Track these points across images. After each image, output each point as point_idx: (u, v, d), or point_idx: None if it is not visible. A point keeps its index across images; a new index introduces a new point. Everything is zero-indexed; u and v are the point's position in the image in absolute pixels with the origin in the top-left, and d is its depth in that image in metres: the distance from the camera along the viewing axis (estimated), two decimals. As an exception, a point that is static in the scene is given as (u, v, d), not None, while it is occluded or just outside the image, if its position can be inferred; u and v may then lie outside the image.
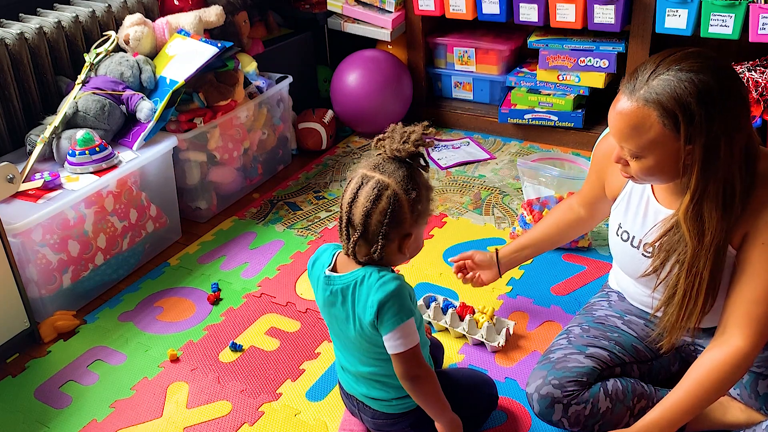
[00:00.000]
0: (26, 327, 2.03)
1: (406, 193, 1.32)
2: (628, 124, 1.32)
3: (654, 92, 1.29)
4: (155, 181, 2.38)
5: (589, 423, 1.50)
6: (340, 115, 3.08)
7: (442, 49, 3.11)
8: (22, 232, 1.97)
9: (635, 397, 1.52)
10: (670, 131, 1.29)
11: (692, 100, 1.26)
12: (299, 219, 2.59)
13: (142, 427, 1.77)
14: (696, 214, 1.35)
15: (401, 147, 1.33)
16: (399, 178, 1.32)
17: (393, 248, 1.37)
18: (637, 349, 1.61)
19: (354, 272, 1.38)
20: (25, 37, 2.30)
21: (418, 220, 1.36)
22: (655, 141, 1.31)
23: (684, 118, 1.27)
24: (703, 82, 1.26)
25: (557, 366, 1.54)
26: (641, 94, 1.30)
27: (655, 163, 1.34)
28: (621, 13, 2.56)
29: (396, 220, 1.33)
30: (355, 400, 1.56)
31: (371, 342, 1.40)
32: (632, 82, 1.33)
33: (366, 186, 1.33)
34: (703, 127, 1.27)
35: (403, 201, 1.32)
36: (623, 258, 1.59)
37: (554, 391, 1.50)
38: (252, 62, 2.74)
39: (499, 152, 2.93)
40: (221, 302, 2.19)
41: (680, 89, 1.27)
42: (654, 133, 1.30)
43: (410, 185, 1.32)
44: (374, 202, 1.31)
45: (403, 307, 1.34)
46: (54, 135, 2.24)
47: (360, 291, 1.37)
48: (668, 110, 1.28)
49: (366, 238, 1.34)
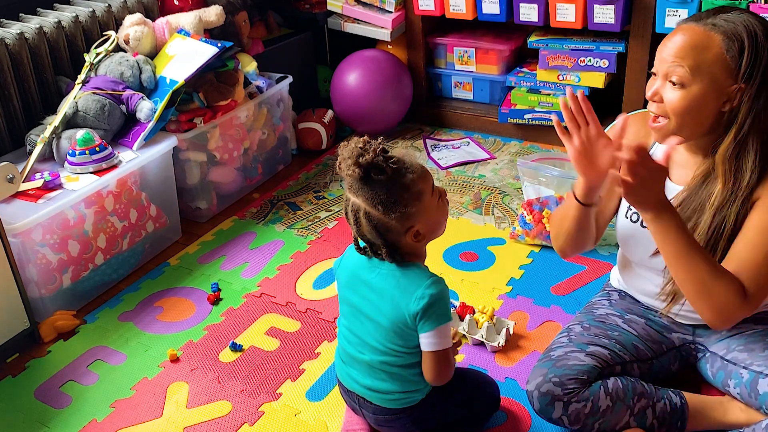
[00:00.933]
0: (26, 327, 2.03)
1: (375, 209, 1.37)
2: (690, 42, 1.34)
3: (723, 20, 1.32)
4: (155, 181, 2.38)
5: (589, 421, 1.50)
6: (340, 115, 3.08)
7: (442, 49, 3.11)
8: (22, 232, 1.97)
9: (635, 396, 1.52)
10: (730, 60, 1.32)
11: (761, 34, 1.30)
12: (299, 219, 2.59)
13: (142, 427, 1.77)
14: (736, 154, 1.37)
15: (349, 173, 1.36)
16: (365, 196, 1.37)
17: (404, 243, 1.41)
18: (638, 348, 1.61)
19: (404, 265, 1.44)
20: (25, 37, 2.30)
21: (405, 217, 1.37)
22: (710, 65, 1.33)
23: (749, 49, 1.30)
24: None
25: (558, 364, 1.54)
26: (709, 21, 1.34)
27: (700, 94, 1.35)
28: (621, 13, 2.56)
29: (383, 230, 1.39)
30: (356, 397, 1.56)
31: (400, 332, 1.44)
32: (695, 17, 1.36)
33: (348, 210, 1.41)
34: (764, 65, 1.30)
35: (377, 216, 1.37)
36: (633, 240, 1.58)
37: (554, 388, 1.50)
38: (252, 62, 2.74)
39: (499, 152, 2.93)
40: (221, 302, 2.19)
41: (750, 23, 1.31)
42: (713, 55, 1.32)
43: (376, 199, 1.36)
44: (357, 224, 1.40)
45: (447, 309, 1.43)
46: (54, 135, 2.24)
47: (407, 281, 1.42)
48: (736, 37, 1.31)
49: (374, 248, 1.43)
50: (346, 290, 1.52)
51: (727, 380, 1.54)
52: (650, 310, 1.68)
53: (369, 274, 1.46)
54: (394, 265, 1.44)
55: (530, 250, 2.30)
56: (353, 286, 1.50)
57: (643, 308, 1.69)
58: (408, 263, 1.44)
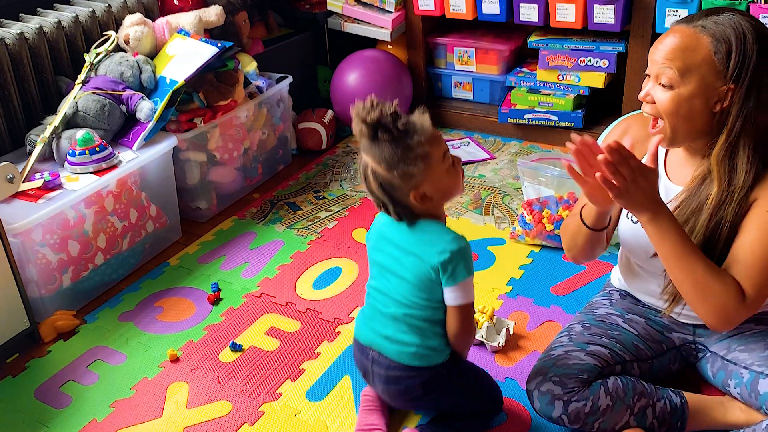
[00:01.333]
0: (26, 327, 2.03)
1: (379, 165, 1.41)
2: (679, 44, 1.36)
3: (712, 22, 1.34)
4: (155, 181, 2.38)
5: (589, 420, 1.50)
6: (340, 115, 3.08)
7: (442, 49, 3.11)
8: (22, 232, 1.97)
9: (635, 396, 1.52)
10: (718, 62, 1.33)
11: (749, 36, 1.31)
12: (299, 219, 2.59)
13: (142, 427, 1.77)
14: (729, 155, 1.38)
15: (359, 130, 1.41)
16: (371, 153, 1.42)
17: (412, 204, 1.45)
18: (638, 348, 1.61)
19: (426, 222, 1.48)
20: (25, 37, 2.30)
21: (408, 176, 1.40)
22: (699, 65, 1.34)
23: (737, 50, 1.32)
24: (759, 27, 1.33)
25: (558, 363, 1.54)
26: (698, 23, 1.35)
27: (689, 94, 1.36)
28: (621, 13, 2.56)
29: (389, 187, 1.43)
30: (371, 352, 1.57)
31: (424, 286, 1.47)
32: (687, 19, 1.38)
33: (361, 169, 1.47)
34: (752, 65, 1.31)
35: (381, 173, 1.42)
36: (634, 241, 1.58)
37: (555, 387, 1.50)
38: (252, 62, 2.74)
39: (499, 152, 2.93)
40: (221, 302, 2.19)
41: (738, 26, 1.32)
42: (701, 57, 1.34)
43: (380, 157, 1.40)
44: (366, 181, 1.46)
45: (470, 264, 1.46)
46: (54, 135, 2.24)
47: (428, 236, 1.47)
48: (723, 39, 1.32)
49: (385, 206, 1.48)
50: (374, 252, 1.57)
51: (728, 380, 1.54)
52: (651, 310, 1.68)
53: (393, 231, 1.51)
54: (416, 222, 1.48)
55: (530, 250, 2.30)
56: (380, 246, 1.55)
57: (643, 308, 1.69)
58: (427, 220, 1.48)
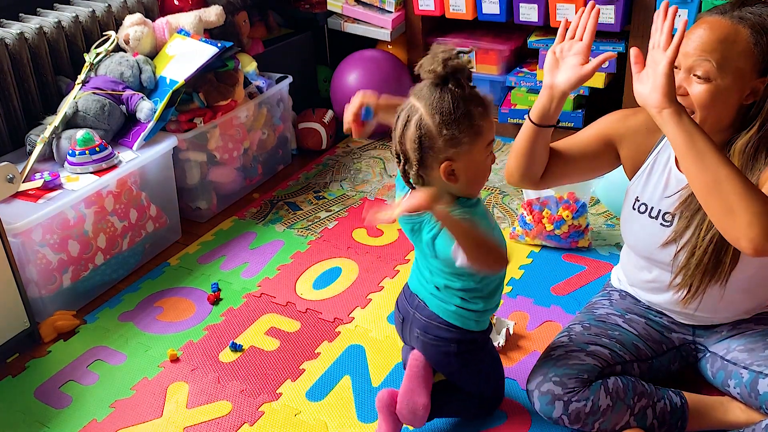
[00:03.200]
0: (26, 327, 2.03)
1: (432, 117, 1.30)
2: (717, 36, 1.33)
3: (749, 13, 1.32)
4: (155, 181, 2.38)
5: (589, 420, 1.50)
6: (340, 115, 3.07)
7: (442, 49, 3.10)
8: (22, 232, 1.97)
9: (636, 396, 1.52)
10: (758, 53, 1.31)
11: None
12: (299, 219, 2.59)
13: (142, 427, 1.77)
14: (754, 149, 1.36)
15: (429, 69, 1.30)
16: (429, 101, 1.30)
17: (436, 175, 1.35)
18: (638, 348, 1.61)
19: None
20: (25, 37, 2.30)
21: (453, 143, 1.31)
22: (737, 58, 1.32)
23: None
24: None
25: (558, 363, 1.54)
26: (735, 14, 1.33)
27: (725, 87, 1.34)
28: (621, 13, 2.56)
29: (426, 146, 1.32)
30: (417, 299, 1.55)
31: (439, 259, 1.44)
32: (718, 9, 1.35)
33: (402, 111, 1.34)
34: None
35: (429, 125, 1.30)
36: (641, 232, 1.58)
37: (555, 388, 1.50)
38: (252, 62, 2.74)
39: (499, 152, 2.93)
40: (221, 302, 2.19)
41: None
42: (741, 49, 1.31)
43: (438, 108, 1.30)
44: (404, 128, 1.33)
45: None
46: (54, 135, 2.24)
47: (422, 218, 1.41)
48: (765, 30, 1.30)
49: (409, 165, 1.36)
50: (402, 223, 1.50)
51: (727, 380, 1.54)
52: (650, 310, 1.68)
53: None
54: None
55: (530, 250, 2.30)
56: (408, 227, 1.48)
57: (643, 308, 1.69)
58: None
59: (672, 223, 1.51)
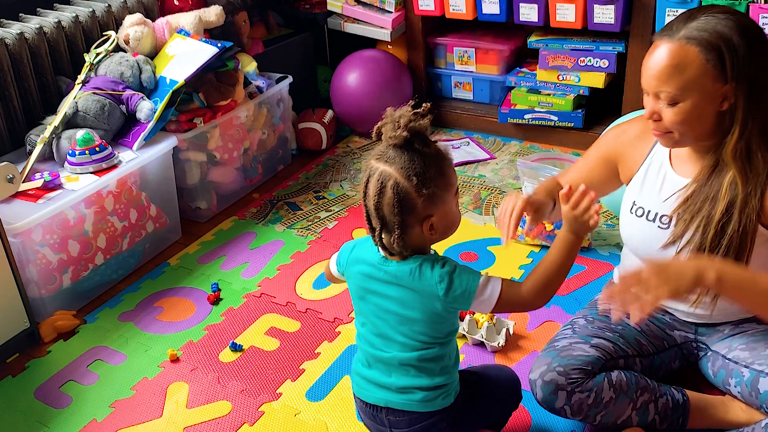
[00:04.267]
0: (26, 327, 2.03)
1: (408, 180, 1.29)
2: (669, 63, 1.34)
3: (695, 30, 1.32)
4: (155, 181, 2.38)
5: (591, 412, 1.50)
6: (340, 115, 3.08)
7: (442, 49, 3.11)
8: (22, 232, 1.97)
9: (639, 390, 1.52)
10: (713, 68, 1.32)
11: (734, 34, 1.30)
12: (299, 219, 2.59)
13: (142, 427, 1.77)
14: (745, 151, 1.37)
15: (394, 135, 1.30)
16: (400, 164, 1.30)
17: (417, 233, 1.34)
18: (640, 343, 1.61)
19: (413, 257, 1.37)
20: (25, 37, 2.30)
21: (432, 200, 1.31)
22: (695, 79, 1.33)
23: (728, 51, 1.30)
24: (740, 20, 1.32)
25: (562, 354, 1.53)
26: (681, 35, 1.33)
27: (693, 106, 1.35)
28: (621, 13, 2.56)
29: (407, 208, 1.31)
30: (386, 416, 1.45)
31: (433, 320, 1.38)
32: (668, 30, 1.36)
33: (372, 178, 1.32)
34: (746, 60, 1.30)
35: (407, 188, 1.29)
36: (639, 236, 1.58)
37: (558, 378, 1.49)
38: (252, 62, 2.74)
39: (499, 152, 2.93)
40: (221, 302, 2.19)
41: (720, 25, 1.31)
42: (696, 69, 1.32)
43: (412, 170, 1.29)
44: (380, 194, 1.30)
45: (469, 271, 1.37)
46: (54, 135, 2.24)
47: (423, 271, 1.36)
48: (712, 45, 1.31)
49: (387, 229, 1.34)
50: (361, 292, 1.44)
51: (728, 379, 1.54)
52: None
53: (380, 271, 1.39)
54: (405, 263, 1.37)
55: (530, 250, 2.30)
56: (368, 287, 1.43)
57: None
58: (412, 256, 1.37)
59: (669, 225, 1.51)
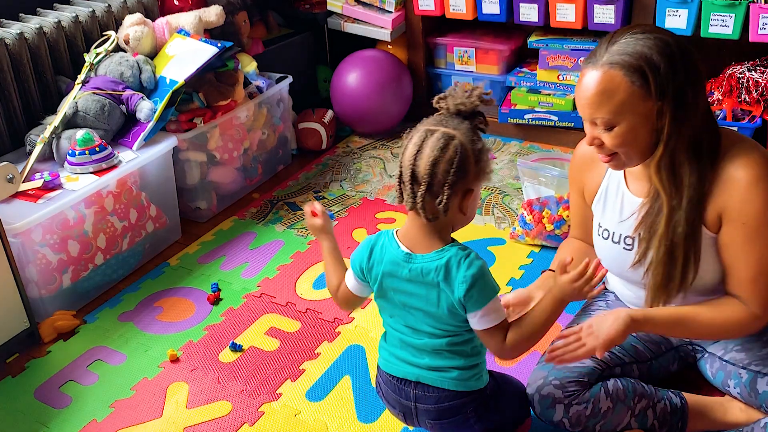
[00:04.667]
0: (26, 327, 2.03)
1: (472, 144, 1.32)
2: (597, 90, 1.35)
3: (616, 54, 1.33)
4: (155, 181, 2.38)
5: (590, 423, 1.50)
6: (340, 115, 3.08)
7: (442, 49, 3.11)
8: (22, 232, 1.97)
9: (636, 397, 1.52)
10: (639, 88, 1.33)
11: (654, 53, 1.31)
12: (299, 219, 2.59)
13: (142, 427, 1.77)
14: (670, 165, 1.38)
15: (465, 101, 1.34)
16: (463, 131, 1.33)
17: (455, 203, 1.35)
18: (637, 349, 1.61)
19: (438, 251, 1.38)
20: (25, 37, 2.30)
21: (479, 175, 1.35)
22: (625, 102, 1.34)
23: (650, 71, 1.31)
24: (659, 39, 1.33)
25: (558, 366, 1.54)
26: (604, 60, 1.34)
27: (629, 128, 1.36)
28: (621, 13, 2.56)
29: (462, 171, 1.32)
30: (413, 390, 1.47)
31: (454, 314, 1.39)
32: (592, 57, 1.38)
33: (431, 138, 1.32)
34: (669, 77, 1.31)
35: (469, 151, 1.32)
36: (608, 257, 1.59)
37: (555, 391, 1.50)
38: (252, 62, 2.74)
39: (499, 152, 2.93)
40: (221, 302, 2.19)
41: (640, 46, 1.32)
42: (623, 93, 1.33)
43: (475, 137, 1.34)
44: (441, 151, 1.31)
45: (491, 283, 1.38)
46: (54, 135, 2.24)
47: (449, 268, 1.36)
48: (634, 66, 1.32)
49: (431, 191, 1.33)
50: (384, 291, 1.45)
51: (727, 380, 1.54)
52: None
53: (407, 270, 1.40)
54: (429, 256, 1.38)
55: (530, 251, 2.30)
56: (394, 285, 1.43)
57: (641, 309, 1.69)
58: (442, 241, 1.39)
59: (633, 246, 1.52)
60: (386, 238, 1.44)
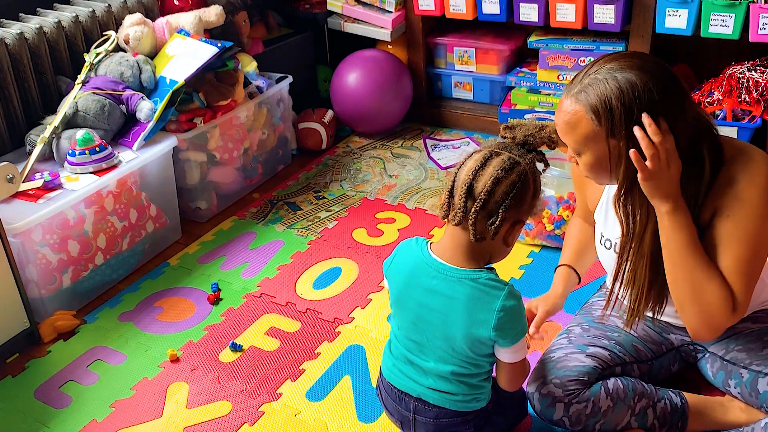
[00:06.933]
0: (26, 327, 2.03)
1: (534, 176, 1.36)
2: (565, 120, 1.38)
3: (584, 91, 1.34)
4: (155, 181, 2.38)
5: (590, 422, 1.50)
6: (340, 115, 3.08)
7: (442, 49, 3.11)
8: (22, 232, 1.97)
9: (636, 396, 1.52)
10: (598, 125, 1.34)
11: (612, 97, 1.31)
12: (299, 219, 2.59)
13: (142, 427, 1.77)
14: (625, 203, 1.41)
15: (536, 134, 1.37)
16: (529, 160, 1.36)
17: (504, 229, 1.35)
18: (638, 349, 1.61)
19: (474, 270, 1.37)
20: (25, 37, 2.30)
21: (532, 209, 1.38)
22: (587, 137, 1.35)
23: (604, 114, 1.32)
24: (626, 80, 1.31)
25: (558, 365, 1.54)
26: (575, 92, 1.36)
27: (594, 159, 1.38)
28: (621, 13, 2.56)
29: (520, 198, 1.34)
30: (413, 402, 1.47)
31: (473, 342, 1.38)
32: (571, 82, 1.39)
33: (496, 158, 1.34)
34: (623, 122, 1.31)
35: (530, 182, 1.35)
36: (610, 266, 1.59)
37: (555, 390, 1.50)
38: (252, 62, 2.74)
39: (499, 152, 2.93)
40: (221, 302, 2.19)
41: (603, 87, 1.32)
42: (585, 128, 1.35)
43: (537, 171, 1.37)
44: (506, 172, 1.32)
45: (524, 321, 1.41)
46: (54, 135, 2.24)
47: (481, 291, 1.36)
48: (593, 107, 1.33)
49: (486, 208, 1.32)
50: (404, 296, 1.43)
51: (728, 380, 1.55)
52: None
53: (433, 280, 1.38)
54: (464, 271, 1.36)
55: (530, 250, 2.30)
56: (413, 293, 1.41)
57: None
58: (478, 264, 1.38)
59: None
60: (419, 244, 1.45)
